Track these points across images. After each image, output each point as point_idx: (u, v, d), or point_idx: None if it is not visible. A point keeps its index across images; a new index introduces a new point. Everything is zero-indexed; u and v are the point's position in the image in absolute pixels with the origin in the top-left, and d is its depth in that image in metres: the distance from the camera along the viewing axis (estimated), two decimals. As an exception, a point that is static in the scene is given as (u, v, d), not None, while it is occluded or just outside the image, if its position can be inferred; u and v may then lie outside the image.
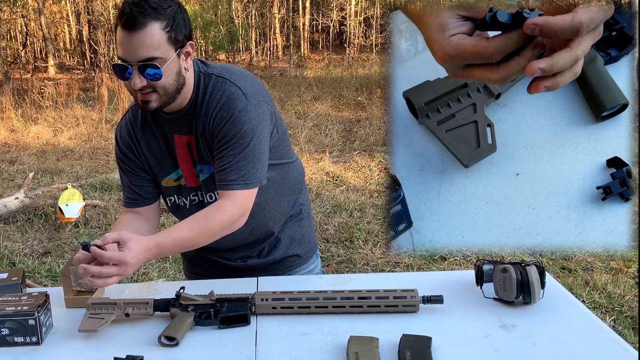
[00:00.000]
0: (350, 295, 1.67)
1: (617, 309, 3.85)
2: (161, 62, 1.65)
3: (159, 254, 1.69)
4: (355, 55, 19.73)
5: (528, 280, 1.63)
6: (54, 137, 9.85)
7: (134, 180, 1.96)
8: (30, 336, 1.58)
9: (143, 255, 1.61)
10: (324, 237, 5.25)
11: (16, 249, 5.11)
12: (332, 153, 8.23)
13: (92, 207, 6.04)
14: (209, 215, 1.74)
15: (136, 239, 1.60)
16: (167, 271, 4.65)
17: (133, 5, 1.60)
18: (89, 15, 19.30)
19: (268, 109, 1.82)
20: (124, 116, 1.98)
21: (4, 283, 1.86)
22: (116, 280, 1.58)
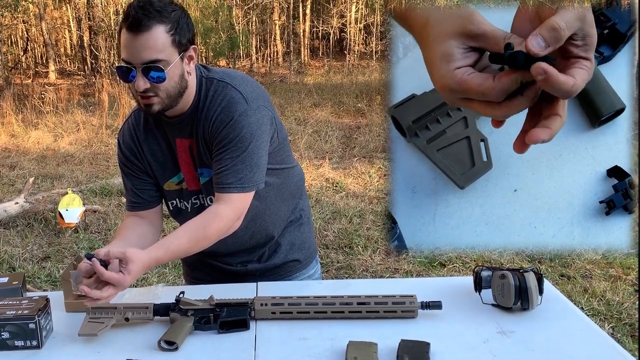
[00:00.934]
0: (349, 301, 1.67)
1: (615, 316, 3.85)
2: (165, 64, 1.67)
3: (157, 265, 1.72)
4: (355, 62, 19.76)
5: (526, 286, 1.64)
6: (54, 143, 9.85)
7: (137, 184, 1.97)
8: (31, 340, 1.58)
9: (141, 273, 1.63)
10: (324, 243, 5.26)
11: (16, 253, 5.11)
12: (331, 159, 8.24)
13: (92, 212, 6.04)
14: (206, 223, 1.76)
15: (137, 261, 1.59)
16: (167, 276, 4.65)
17: (138, 8, 1.63)
18: (89, 21, 19.32)
19: (268, 114, 1.83)
20: (126, 120, 1.99)
21: (5, 287, 1.86)
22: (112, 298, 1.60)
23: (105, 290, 1.55)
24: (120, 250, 1.59)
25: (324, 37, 23.15)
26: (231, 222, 1.79)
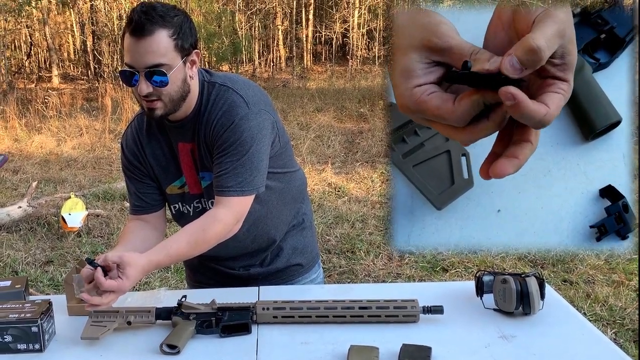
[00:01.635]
0: (351, 305, 1.67)
1: (618, 322, 3.84)
2: (167, 68, 1.68)
3: (156, 269, 1.74)
4: (357, 67, 19.79)
5: (528, 291, 1.64)
6: (57, 147, 9.87)
7: (140, 187, 1.98)
8: (33, 343, 1.59)
9: (140, 276, 1.64)
10: (326, 247, 5.26)
11: (19, 257, 5.12)
12: (334, 164, 8.24)
13: (95, 216, 6.05)
14: (205, 227, 1.77)
15: (134, 265, 1.60)
16: (169, 280, 4.66)
17: (141, 13, 1.64)
18: (93, 26, 19.39)
19: (270, 118, 1.84)
20: (129, 125, 2.00)
21: (8, 291, 1.86)
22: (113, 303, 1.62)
23: (106, 297, 1.57)
24: (117, 254, 1.60)
25: (327, 42, 23.18)
26: (230, 226, 1.79)
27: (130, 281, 1.58)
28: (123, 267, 1.58)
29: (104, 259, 1.59)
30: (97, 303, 1.56)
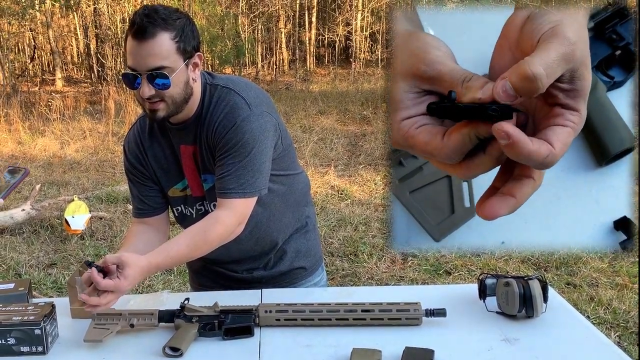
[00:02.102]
0: (353, 308, 1.67)
1: (622, 325, 3.84)
2: (170, 71, 1.69)
3: (158, 271, 1.73)
4: (360, 69, 19.77)
5: (530, 294, 1.64)
6: (60, 150, 9.88)
7: (142, 190, 1.99)
8: (36, 346, 1.59)
9: (140, 278, 1.65)
10: (329, 250, 5.25)
11: (22, 260, 5.13)
12: (337, 167, 8.24)
13: (98, 219, 6.05)
14: (207, 229, 1.77)
15: (133, 265, 1.61)
16: (172, 283, 4.66)
17: (144, 16, 1.65)
18: (96, 29, 19.41)
19: (272, 120, 1.84)
20: (132, 127, 2.01)
21: (11, 293, 1.87)
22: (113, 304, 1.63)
23: (104, 297, 1.58)
24: (116, 255, 1.62)
25: (330, 45, 23.18)
26: (232, 228, 1.79)
27: (129, 281, 1.59)
28: (122, 268, 1.60)
29: (103, 260, 1.61)
30: (95, 304, 1.57)
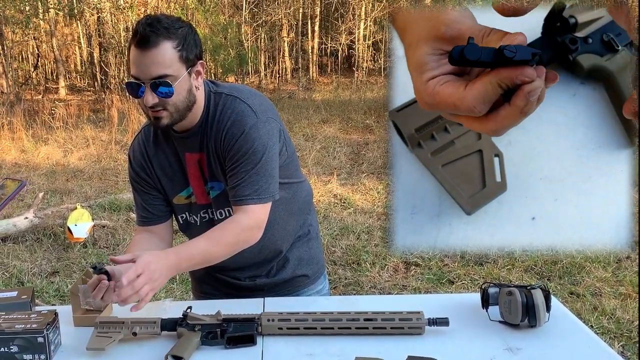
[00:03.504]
0: (356, 317, 1.67)
1: (625, 335, 3.82)
2: (173, 79, 1.70)
3: (178, 261, 1.71)
4: (363, 78, 19.79)
5: (533, 303, 1.63)
6: (63, 158, 9.90)
7: (146, 199, 1.99)
8: (39, 354, 1.59)
9: (163, 262, 1.65)
10: (331, 259, 5.25)
11: (25, 268, 5.13)
12: (339, 175, 8.24)
13: (101, 227, 6.06)
14: (224, 227, 1.80)
15: (148, 252, 1.65)
16: (175, 292, 4.66)
17: (146, 25, 1.66)
18: (100, 37, 19.47)
19: (277, 127, 1.85)
20: (136, 136, 2.02)
21: (14, 301, 1.87)
22: (151, 294, 1.63)
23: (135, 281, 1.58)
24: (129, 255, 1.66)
25: (333, 54, 23.22)
26: (250, 229, 1.81)
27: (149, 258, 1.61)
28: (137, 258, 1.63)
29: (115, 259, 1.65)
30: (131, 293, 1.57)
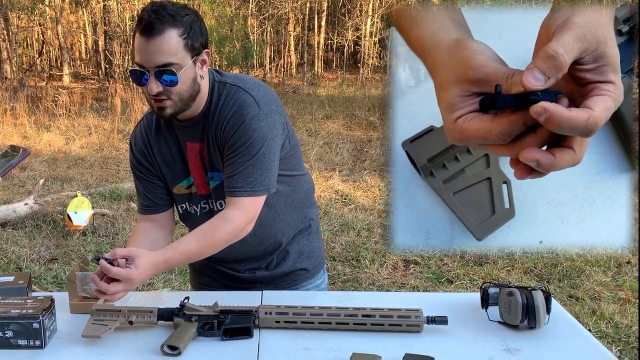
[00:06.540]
0: (354, 313, 1.66)
1: (623, 340, 3.81)
2: (177, 68, 1.68)
3: (166, 267, 1.75)
4: (368, 75, 19.78)
5: (534, 304, 1.62)
6: (65, 145, 9.91)
7: (147, 187, 1.98)
8: (34, 339, 1.58)
9: (150, 271, 1.67)
10: (331, 255, 5.24)
11: (23, 254, 5.13)
12: (341, 172, 8.23)
13: (101, 215, 6.06)
14: (216, 226, 1.77)
15: (144, 256, 1.64)
16: (172, 282, 4.65)
17: (152, 13, 1.64)
18: (105, 26, 19.49)
19: (280, 119, 1.84)
20: (138, 123, 2.00)
21: (10, 286, 1.86)
22: (122, 296, 1.65)
23: (113, 286, 1.59)
24: (127, 248, 1.65)
25: (338, 50, 23.21)
26: (241, 226, 1.79)
27: (139, 271, 1.61)
28: (132, 259, 1.62)
29: (113, 252, 1.63)
30: (103, 289, 1.59)
